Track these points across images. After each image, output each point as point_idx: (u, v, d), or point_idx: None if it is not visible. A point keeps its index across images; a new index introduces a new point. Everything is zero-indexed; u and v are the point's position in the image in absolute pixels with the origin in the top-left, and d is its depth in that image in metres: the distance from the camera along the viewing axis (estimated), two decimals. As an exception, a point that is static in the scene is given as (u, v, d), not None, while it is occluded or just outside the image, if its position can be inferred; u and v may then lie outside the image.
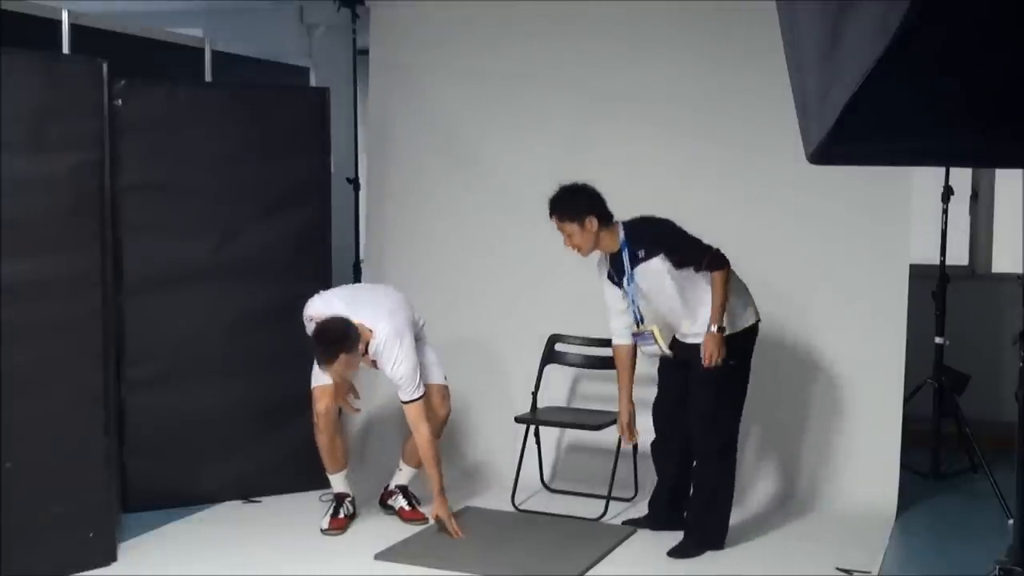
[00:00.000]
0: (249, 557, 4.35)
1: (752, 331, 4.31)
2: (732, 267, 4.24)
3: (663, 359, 4.46)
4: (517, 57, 5.62)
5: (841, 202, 4.96)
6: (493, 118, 5.66)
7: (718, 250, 4.16)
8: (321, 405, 4.52)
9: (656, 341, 4.29)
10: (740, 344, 4.26)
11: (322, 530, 4.59)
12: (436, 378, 4.67)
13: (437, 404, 4.66)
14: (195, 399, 4.95)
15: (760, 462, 5.07)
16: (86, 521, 4.11)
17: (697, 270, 4.16)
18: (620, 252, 4.26)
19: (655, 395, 4.56)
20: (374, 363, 4.43)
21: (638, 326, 4.34)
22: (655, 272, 4.21)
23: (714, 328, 4.13)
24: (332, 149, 5.38)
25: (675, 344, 4.39)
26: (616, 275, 4.31)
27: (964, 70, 1.15)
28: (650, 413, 4.56)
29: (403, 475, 4.81)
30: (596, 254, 4.37)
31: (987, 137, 1.32)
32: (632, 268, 4.24)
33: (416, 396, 4.39)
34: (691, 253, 4.15)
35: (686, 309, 4.24)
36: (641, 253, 4.20)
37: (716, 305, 4.13)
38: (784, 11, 1.36)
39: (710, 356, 4.12)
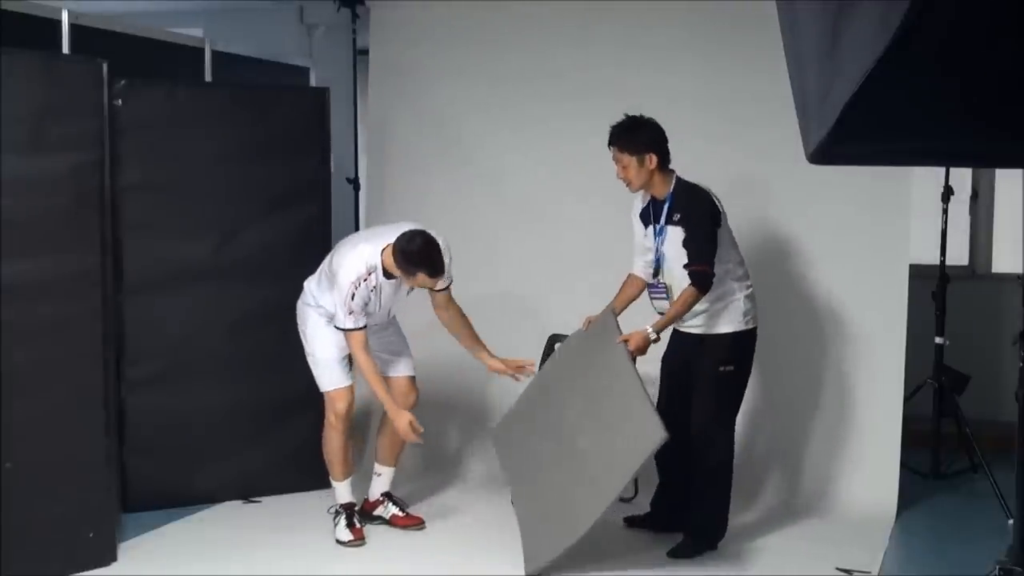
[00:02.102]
0: (249, 557, 4.35)
1: (751, 336, 4.32)
2: (747, 267, 4.31)
3: (665, 358, 4.47)
4: (517, 57, 5.62)
5: (841, 202, 4.96)
6: (493, 118, 5.66)
7: (712, 273, 4.12)
8: (342, 405, 4.47)
9: (669, 296, 4.22)
10: (740, 348, 4.27)
11: (343, 542, 4.46)
12: (405, 370, 4.64)
13: (405, 393, 4.61)
14: (195, 399, 4.95)
15: (760, 462, 5.07)
16: (86, 521, 4.11)
17: (684, 267, 4.14)
18: (663, 202, 4.21)
19: (656, 396, 4.56)
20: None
21: (656, 276, 4.29)
22: (675, 240, 4.19)
23: (651, 331, 4.13)
24: (332, 149, 5.38)
25: (675, 336, 4.40)
26: (650, 218, 4.28)
27: (964, 70, 1.15)
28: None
29: (384, 479, 4.74)
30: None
31: (987, 137, 1.32)
32: (666, 224, 4.21)
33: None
34: (695, 250, 4.12)
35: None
36: (677, 216, 4.18)
37: (669, 315, 4.14)
38: (784, 11, 1.36)
39: (627, 346, 4.13)
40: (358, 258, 4.26)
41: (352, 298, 4.21)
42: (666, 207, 4.21)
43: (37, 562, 3.95)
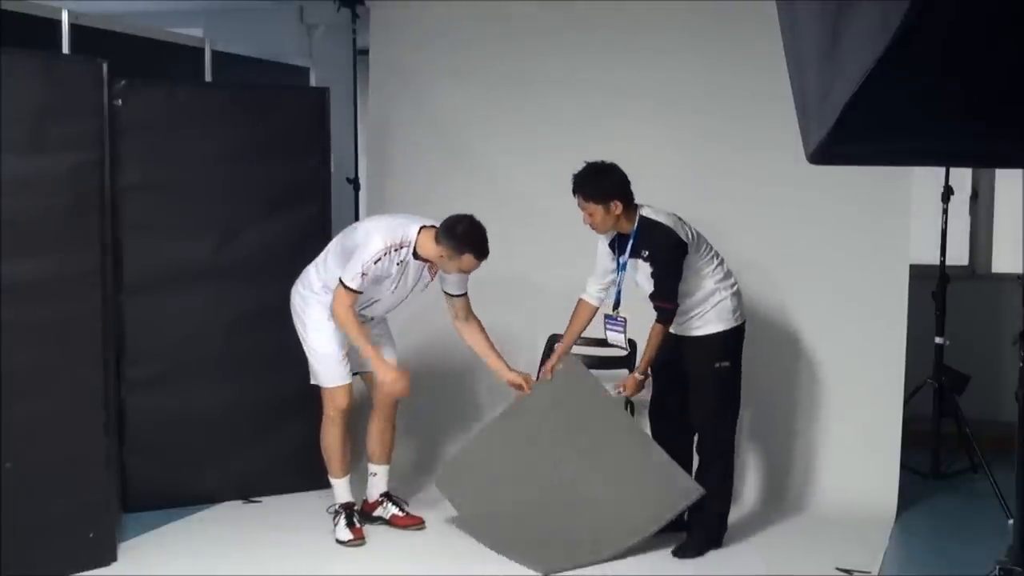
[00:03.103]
0: (249, 557, 4.35)
1: (741, 332, 4.34)
2: (729, 266, 4.33)
3: (657, 360, 4.47)
4: (518, 57, 5.62)
5: (841, 202, 4.96)
6: (493, 118, 5.66)
7: (675, 307, 4.19)
8: (343, 402, 4.47)
9: (625, 331, 4.32)
10: (732, 344, 4.29)
11: (343, 542, 4.46)
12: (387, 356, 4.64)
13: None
14: (195, 399, 4.95)
15: (760, 462, 5.07)
16: (86, 521, 4.11)
17: (651, 297, 4.21)
18: (628, 236, 4.26)
19: (650, 397, 4.56)
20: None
21: (614, 309, 4.35)
22: (643, 273, 4.27)
23: (639, 375, 4.26)
24: (332, 149, 5.38)
25: (669, 339, 4.40)
26: (617, 248, 4.32)
27: (964, 70, 1.15)
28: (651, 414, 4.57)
29: (380, 479, 4.73)
30: None
31: (987, 137, 1.32)
32: (631, 256, 4.26)
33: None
34: (660, 288, 4.19)
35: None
36: (645, 253, 4.22)
37: (648, 356, 4.23)
38: (784, 11, 1.36)
39: (622, 391, 4.29)
40: (398, 228, 4.26)
41: (376, 262, 4.19)
42: (631, 242, 4.25)
43: (37, 562, 3.95)
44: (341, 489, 4.59)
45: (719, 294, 4.26)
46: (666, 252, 4.18)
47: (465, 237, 4.18)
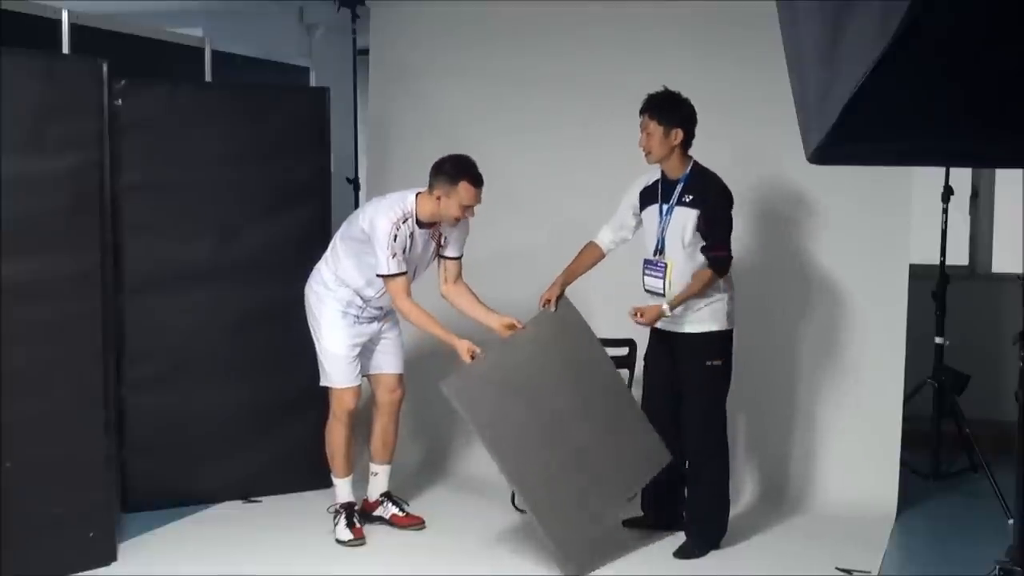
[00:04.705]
0: (249, 557, 4.35)
1: (731, 336, 4.32)
2: (731, 270, 4.30)
3: (648, 354, 4.46)
4: (518, 57, 5.62)
5: (841, 202, 4.96)
6: (494, 118, 5.66)
7: (730, 256, 4.18)
8: (351, 402, 4.48)
9: (666, 276, 4.23)
10: (723, 345, 4.28)
11: (343, 542, 4.47)
12: (393, 367, 4.65)
13: (392, 389, 4.65)
14: (195, 399, 4.95)
15: (760, 462, 5.07)
16: (86, 521, 4.11)
17: (703, 251, 4.17)
18: (676, 182, 4.24)
19: (641, 394, 4.56)
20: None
21: (656, 254, 4.28)
22: (682, 220, 4.20)
23: (666, 307, 4.15)
24: (332, 149, 5.38)
25: (658, 335, 4.39)
26: (657, 197, 4.28)
27: (964, 70, 1.15)
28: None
29: (381, 479, 4.73)
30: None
31: (987, 137, 1.32)
32: (676, 204, 4.23)
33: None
34: (716, 234, 4.16)
35: (679, 275, 4.23)
36: (689, 198, 4.20)
37: (686, 293, 4.15)
38: (784, 11, 1.36)
39: (640, 316, 4.16)
40: (396, 201, 4.30)
41: (395, 239, 4.22)
42: (679, 187, 4.22)
43: (37, 562, 3.95)
44: (343, 489, 4.59)
45: (717, 294, 4.25)
46: (717, 197, 4.18)
47: (455, 168, 4.24)
